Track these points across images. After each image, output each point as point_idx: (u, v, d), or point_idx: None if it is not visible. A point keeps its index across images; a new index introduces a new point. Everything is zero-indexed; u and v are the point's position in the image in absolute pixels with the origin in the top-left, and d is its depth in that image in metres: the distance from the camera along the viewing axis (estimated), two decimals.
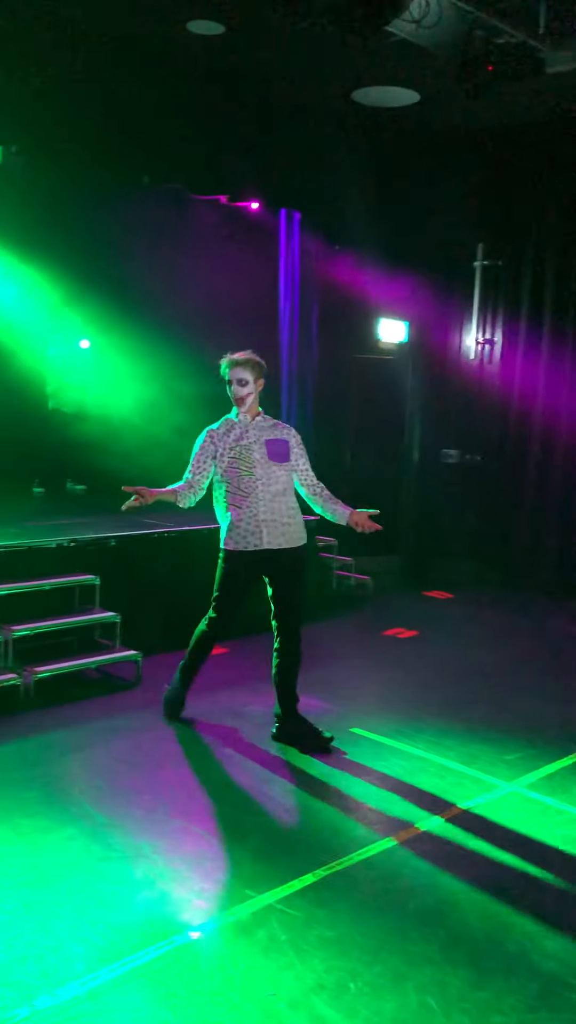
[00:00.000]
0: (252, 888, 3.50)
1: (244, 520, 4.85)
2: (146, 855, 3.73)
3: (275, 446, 4.92)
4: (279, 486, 4.90)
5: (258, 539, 4.85)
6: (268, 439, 4.91)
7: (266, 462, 4.87)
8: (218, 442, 4.91)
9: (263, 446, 4.88)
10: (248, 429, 4.93)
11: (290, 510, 4.95)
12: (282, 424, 5.09)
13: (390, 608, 8.25)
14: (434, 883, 3.60)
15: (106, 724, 5.20)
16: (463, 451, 9.61)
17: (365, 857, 3.77)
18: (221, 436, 4.92)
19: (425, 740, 5.08)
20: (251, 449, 4.87)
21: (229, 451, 4.86)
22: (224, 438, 4.91)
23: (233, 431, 4.93)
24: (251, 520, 4.84)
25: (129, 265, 8.70)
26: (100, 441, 8.73)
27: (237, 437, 4.90)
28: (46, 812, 4.06)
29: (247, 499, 4.84)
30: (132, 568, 6.61)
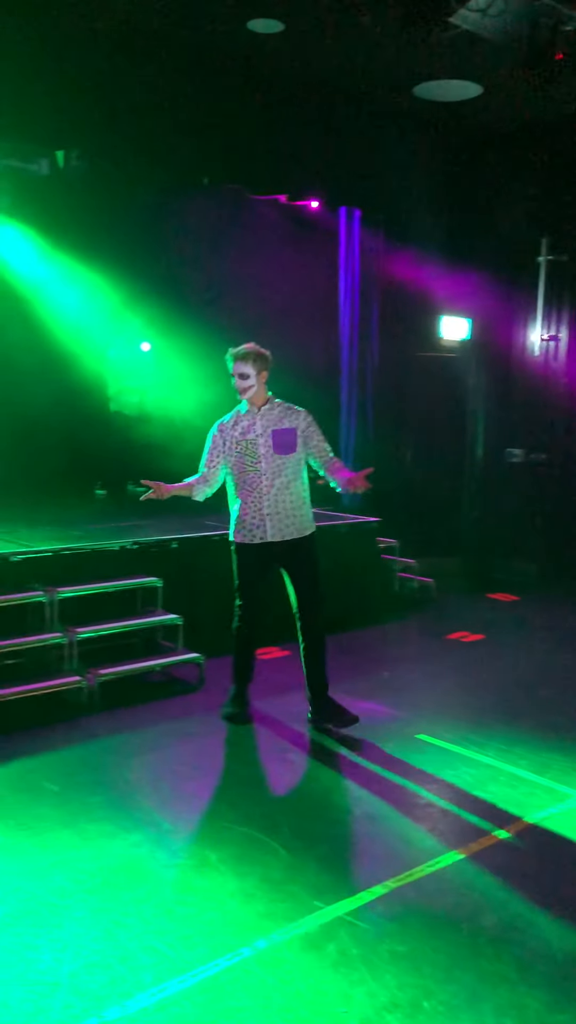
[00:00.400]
0: (320, 899, 3.43)
1: (249, 514, 5.01)
2: (212, 863, 3.68)
3: (281, 436, 4.97)
4: (285, 478, 5.00)
5: (263, 532, 5.01)
6: (275, 429, 4.97)
7: (271, 455, 4.95)
8: (227, 436, 5.02)
9: (269, 438, 4.95)
10: (255, 421, 5.00)
11: (297, 500, 5.05)
12: (293, 409, 5.08)
13: (454, 611, 8.10)
14: (508, 898, 3.48)
15: (170, 727, 5.17)
16: (528, 450, 9.40)
17: (436, 869, 3.66)
18: (229, 430, 5.03)
19: (494, 748, 4.94)
20: (256, 444, 4.95)
21: (236, 445, 4.97)
22: (231, 431, 5.02)
23: (240, 423, 5.02)
24: (255, 514, 4.99)
25: (189, 267, 8.70)
26: (162, 443, 8.73)
27: (244, 430, 4.98)
28: (111, 817, 4.04)
29: (251, 493, 4.98)
30: (194, 570, 6.59)
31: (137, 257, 8.65)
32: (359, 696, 5.65)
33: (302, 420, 5.05)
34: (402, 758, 4.75)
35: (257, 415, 5.01)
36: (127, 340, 8.88)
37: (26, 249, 8.36)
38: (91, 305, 8.71)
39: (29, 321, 8.43)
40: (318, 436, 5.09)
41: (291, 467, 5.02)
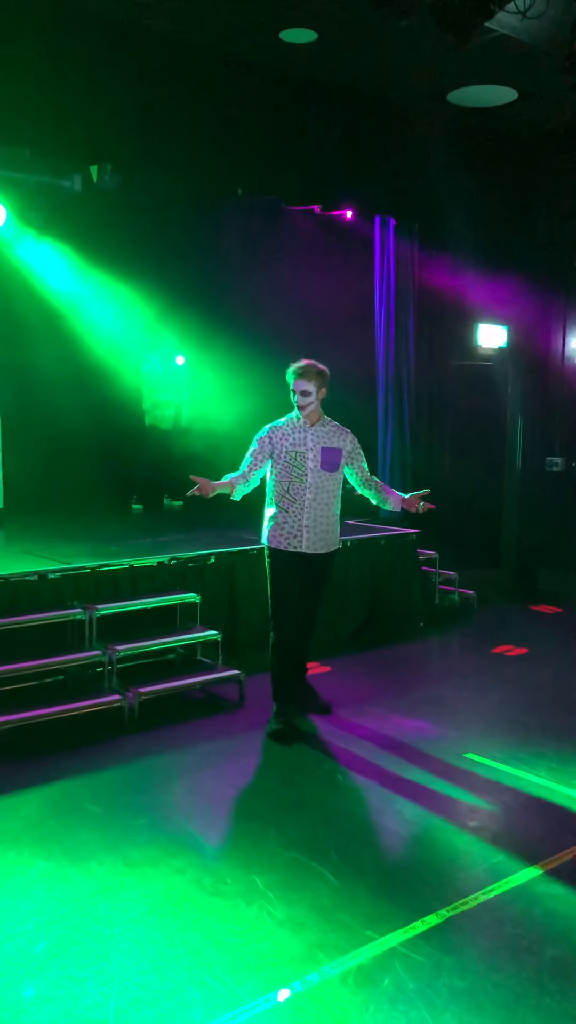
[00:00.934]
0: (373, 929, 3.31)
1: (289, 522, 5.12)
2: (259, 890, 3.57)
3: (329, 455, 5.14)
4: (327, 495, 5.17)
5: (298, 542, 5.13)
6: (324, 447, 5.12)
7: (318, 471, 5.11)
8: (276, 442, 5.13)
9: (318, 454, 5.10)
10: (308, 435, 5.12)
11: (332, 517, 5.23)
12: (342, 429, 5.26)
13: (497, 623, 7.94)
14: (569, 928, 3.33)
15: (211, 747, 5.08)
16: (568, 458, 9.22)
17: (492, 896, 3.53)
18: (281, 437, 5.13)
19: (545, 767, 4.79)
20: (305, 457, 5.09)
21: (286, 454, 5.09)
22: (283, 440, 5.12)
23: (294, 434, 5.13)
24: (295, 523, 5.12)
25: (223, 278, 8.67)
26: (197, 457, 8.69)
27: (295, 442, 5.10)
28: (155, 841, 3.95)
29: (294, 503, 5.10)
30: (232, 585, 6.51)
31: (171, 270, 8.65)
32: (404, 713, 5.53)
33: (349, 442, 5.24)
34: (452, 778, 4.62)
35: (310, 430, 5.14)
36: (162, 354, 8.84)
37: (60, 265, 8.38)
38: (126, 320, 8.70)
39: (64, 337, 8.44)
40: (361, 457, 5.31)
41: (332, 484, 5.20)
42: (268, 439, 5.16)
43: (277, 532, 5.16)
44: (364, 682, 6.27)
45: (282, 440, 5.12)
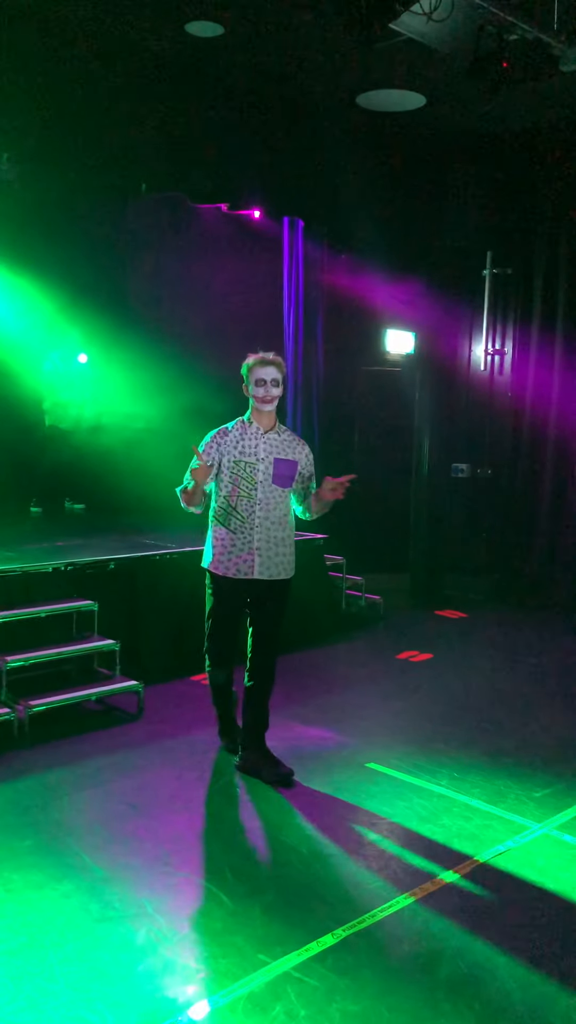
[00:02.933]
0: (266, 952, 3.17)
1: (237, 546, 4.47)
2: (148, 914, 3.40)
3: (283, 468, 4.50)
4: (279, 512, 4.53)
5: (249, 567, 4.48)
6: (278, 458, 4.50)
7: (269, 485, 4.47)
8: (224, 449, 4.48)
9: (270, 466, 4.47)
10: (260, 442, 4.50)
11: (287, 538, 4.58)
12: (298, 439, 4.66)
13: (402, 629, 7.93)
14: (466, 946, 3.26)
15: (106, 761, 4.87)
16: (474, 465, 9.31)
17: (389, 914, 3.44)
18: (230, 443, 4.48)
19: (447, 775, 4.75)
20: (256, 468, 4.45)
21: (233, 464, 4.45)
22: (231, 447, 4.48)
23: (243, 440, 4.49)
24: (244, 546, 4.47)
25: (128, 276, 8.45)
26: (99, 458, 8.45)
27: (244, 450, 4.47)
28: (40, 864, 3.74)
29: (243, 523, 4.46)
30: (133, 592, 6.31)
31: (75, 266, 8.38)
32: (306, 722, 5.43)
33: (305, 456, 4.62)
34: (352, 790, 4.53)
35: (262, 437, 4.51)
36: (63, 351, 8.56)
37: None
38: (25, 316, 8.39)
39: None
40: (312, 476, 4.67)
41: (285, 501, 4.56)
42: (215, 443, 4.50)
43: (223, 557, 4.48)
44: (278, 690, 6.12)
45: (230, 448, 4.46)
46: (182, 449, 8.45)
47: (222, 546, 4.50)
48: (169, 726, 5.38)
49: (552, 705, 5.95)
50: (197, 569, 6.54)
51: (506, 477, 9.10)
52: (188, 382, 8.57)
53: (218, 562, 4.52)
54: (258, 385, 4.44)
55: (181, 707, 5.72)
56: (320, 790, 4.52)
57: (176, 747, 5.07)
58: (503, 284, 9.07)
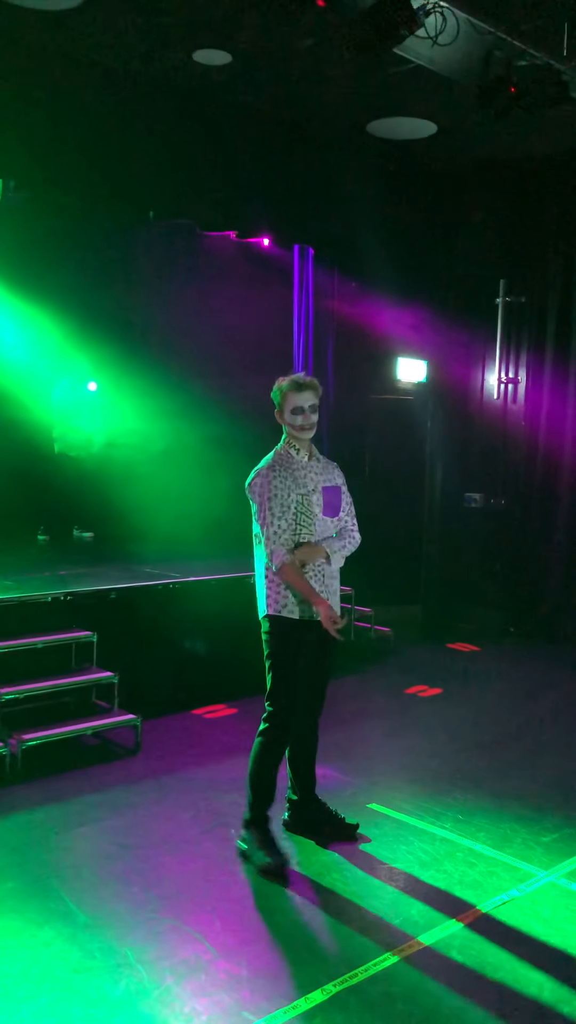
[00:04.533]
0: (252, 1010, 3.00)
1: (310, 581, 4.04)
2: (130, 964, 3.24)
3: (330, 495, 4.12)
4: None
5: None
6: (325, 486, 4.11)
7: (321, 517, 4.08)
8: (288, 485, 3.99)
9: (320, 495, 4.08)
10: (308, 472, 4.08)
11: (337, 572, 4.24)
12: (333, 463, 4.28)
13: (413, 662, 7.74)
14: (468, 1004, 3.07)
15: (99, 799, 4.72)
16: (487, 495, 9.15)
17: (384, 967, 3.26)
18: (286, 480, 4.00)
19: (452, 818, 4.56)
20: (311, 501, 4.04)
21: (294, 501, 4.01)
22: (287, 482, 4.00)
23: (294, 472, 4.04)
24: (315, 582, 4.05)
25: (139, 303, 8.42)
26: (107, 487, 8.38)
27: (298, 483, 4.02)
28: (21, 909, 3.59)
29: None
30: (134, 623, 6.19)
31: (84, 294, 8.35)
32: None
33: (340, 477, 4.24)
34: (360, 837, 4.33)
35: (308, 466, 4.09)
36: (72, 379, 8.52)
37: None
38: (34, 343, 8.37)
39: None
40: (351, 503, 4.30)
41: (332, 532, 4.19)
42: (281, 482, 3.97)
43: (289, 599, 4.00)
44: None
45: (291, 483, 4.00)
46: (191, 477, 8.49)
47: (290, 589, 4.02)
48: (166, 762, 5.23)
49: (564, 744, 5.74)
50: (200, 598, 6.50)
51: (520, 507, 8.93)
52: (198, 411, 8.51)
53: (289, 606, 4.01)
54: (295, 413, 4.03)
55: (180, 743, 5.57)
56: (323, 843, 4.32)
57: (172, 784, 4.92)
58: (517, 312, 8.95)
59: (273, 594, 4.03)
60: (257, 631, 4.16)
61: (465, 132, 7.65)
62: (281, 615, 4.02)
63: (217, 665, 6.49)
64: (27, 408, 8.38)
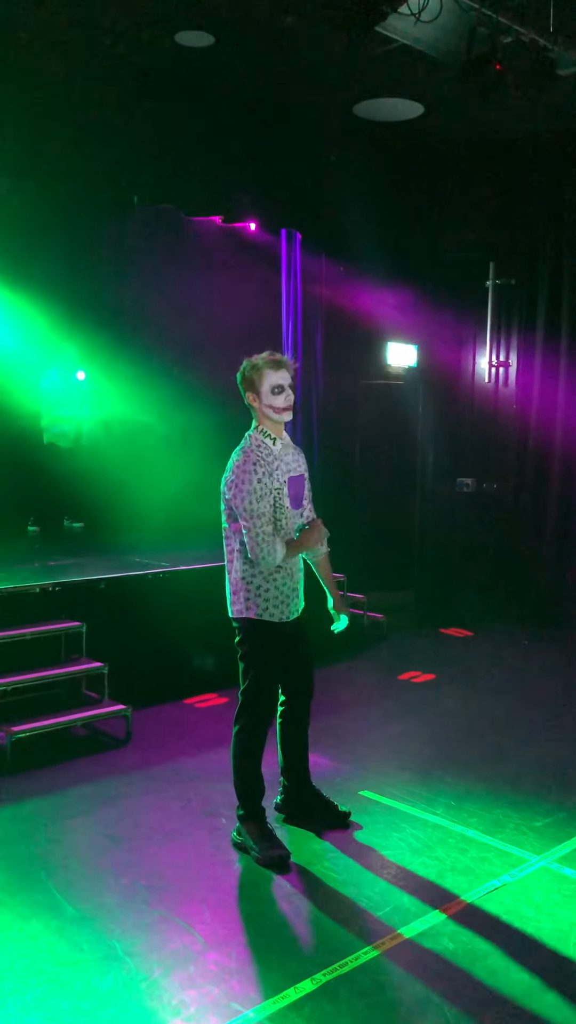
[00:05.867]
0: (240, 1000, 2.97)
1: (286, 584, 3.90)
2: (118, 956, 3.21)
3: (295, 487, 3.92)
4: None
5: (295, 606, 3.97)
6: (291, 476, 3.91)
7: (289, 510, 3.88)
8: (265, 487, 3.77)
9: (286, 487, 3.88)
10: (279, 463, 3.85)
11: (301, 565, 4.10)
12: (298, 448, 4.06)
13: (405, 648, 7.71)
14: (458, 991, 3.05)
15: (89, 790, 4.69)
16: (479, 479, 9.11)
17: (373, 956, 3.23)
18: (264, 476, 3.77)
19: (444, 804, 4.53)
20: (283, 492, 3.85)
21: (270, 493, 3.80)
22: (267, 479, 3.78)
23: (270, 463, 3.81)
24: (289, 582, 3.91)
25: (124, 290, 8.34)
26: (97, 476, 8.33)
27: (272, 476, 3.81)
28: (9, 903, 3.56)
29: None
30: (124, 613, 6.14)
31: (72, 282, 8.29)
32: None
33: (305, 464, 4.05)
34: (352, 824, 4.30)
35: (279, 455, 3.86)
36: (60, 368, 8.44)
37: None
38: (21, 332, 8.29)
39: None
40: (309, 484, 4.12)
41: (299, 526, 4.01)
42: (264, 471, 3.76)
43: (270, 600, 3.86)
44: None
45: (265, 480, 3.77)
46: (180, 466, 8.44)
47: (269, 588, 3.87)
48: (156, 752, 5.20)
49: (557, 729, 5.72)
50: (189, 588, 6.45)
51: (512, 491, 8.88)
52: (187, 399, 8.45)
53: (268, 607, 3.87)
54: (275, 393, 3.76)
55: (170, 732, 5.54)
56: (309, 821, 4.30)
57: (162, 775, 4.89)
58: (507, 295, 8.89)
59: (252, 597, 3.86)
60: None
61: (453, 112, 7.57)
62: (262, 619, 3.88)
63: (208, 654, 6.45)
64: (15, 398, 8.32)
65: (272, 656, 3.96)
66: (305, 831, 4.21)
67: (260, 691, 3.96)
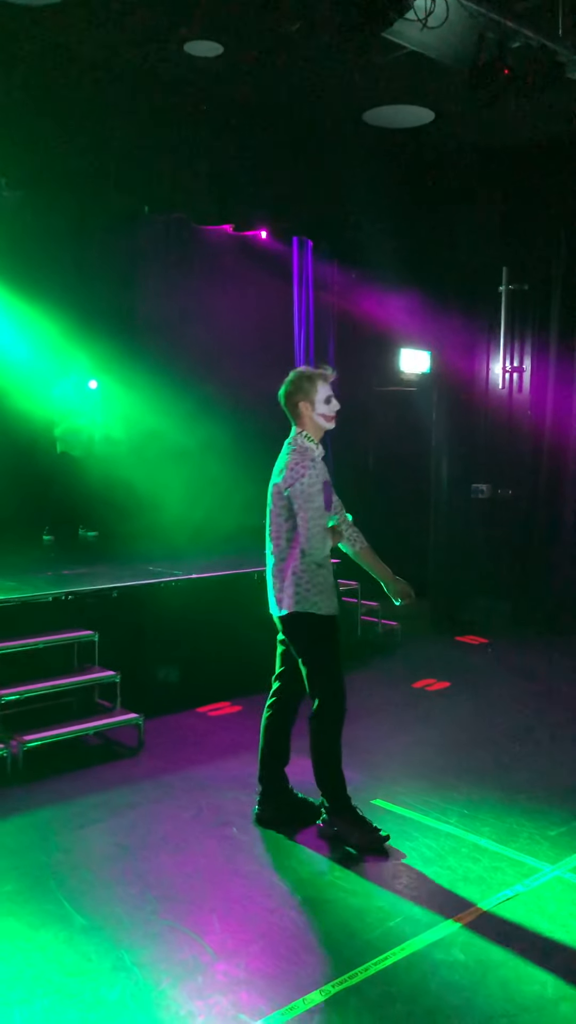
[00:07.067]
0: (249, 1011, 2.95)
1: (331, 578, 4.15)
2: (127, 967, 3.19)
3: (327, 490, 4.15)
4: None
5: (337, 601, 4.20)
6: (325, 480, 4.14)
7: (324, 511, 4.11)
8: (317, 485, 4.02)
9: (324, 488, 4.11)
10: (320, 467, 4.12)
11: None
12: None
13: (420, 656, 7.67)
14: (469, 1003, 3.01)
15: (100, 799, 4.68)
16: (494, 486, 9.05)
17: (384, 967, 3.20)
18: (316, 477, 4.02)
19: (457, 813, 4.49)
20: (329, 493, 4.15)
21: (320, 491, 4.06)
22: (318, 480, 4.03)
23: (317, 468, 4.06)
24: (329, 579, 4.13)
25: (136, 300, 8.39)
26: (111, 485, 8.36)
27: (319, 474, 4.07)
28: (18, 912, 3.55)
29: (329, 556, 4.13)
30: (137, 621, 6.14)
31: (84, 291, 8.34)
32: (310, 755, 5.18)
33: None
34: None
35: (318, 458, 4.12)
36: (74, 378, 8.49)
37: None
38: (34, 342, 8.35)
39: None
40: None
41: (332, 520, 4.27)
42: (314, 478, 4.00)
43: (329, 595, 4.09)
44: None
45: (317, 480, 4.03)
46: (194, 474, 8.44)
47: (325, 582, 4.08)
48: (168, 761, 5.19)
49: (573, 737, 5.66)
50: (203, 595, 6.44)
51: (527, 497, 8.82)
52: (202, 408, 8.47)
53: (326, 601, 4.08)
54: (328, 403, 4.10)
55: (183, 741, 5.53)
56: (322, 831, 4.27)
57: (174, 783, 4.88)
58: (520, 300, 8.84)
59: (303, 591, 4.04)
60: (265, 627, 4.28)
61: (463, 118, 7.54)
62: (311, 612, 4.05)
63: (221, 662, 6.43)
64: (29, 408, 8.37)
65: (335, 646, 4.12)
66: (321, 841, 4.17)
67: (334, 683, 4.11)
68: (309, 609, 4.05)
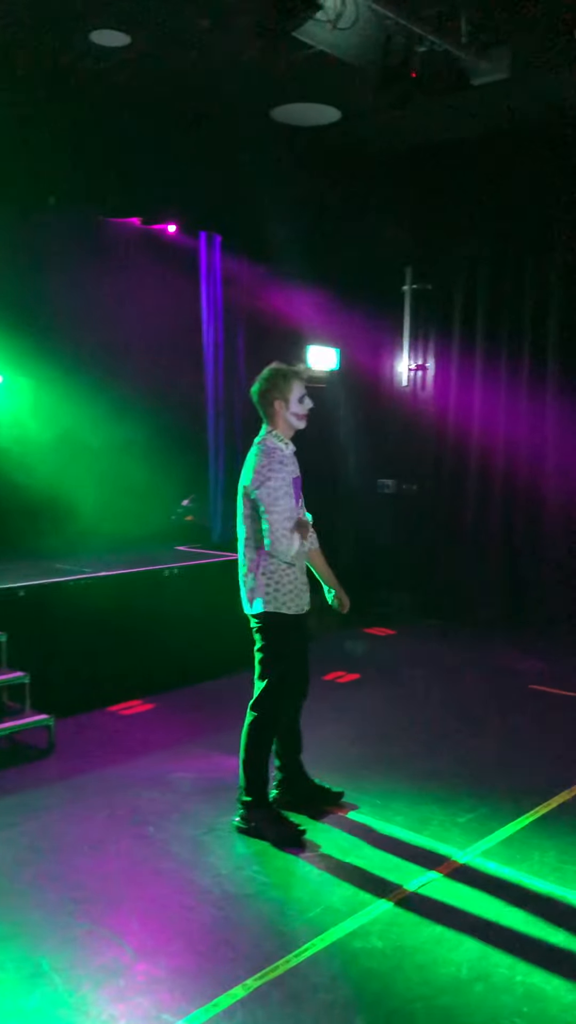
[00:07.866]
0: (172, 1011, 2.95)
1: (299, 577, 4.20)
2: (45, 973, 3.15)
3: (297, 487, 4.19)
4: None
5: (307, 599, 4.28)
6: (294, 477, 4.18)
7: (295, 508, 4.14)
8: (286, 484, 4.07)
9: (294, 486, 4.16)
10: (290, 464, 4.15)
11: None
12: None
13: (330, 649, 7.75)
14: (387, 989, 3.08)
15: (12, 802, 4.59)
16: (400, 481, 9.25)
17: (304, 959, 3.24)
18: (284, 475, 4.07)
19: (369, 803, 4.58)
20: (291, 492, 4.13)
21: (288, 492, 4.11)
22: (286, 478, 4.09)
23: (285, 467, 4.11)
24: (299, 577, 4.21)
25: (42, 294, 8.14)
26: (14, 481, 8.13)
27: (289, 473, 4.12)
28: None
29: (299, 555, 4.17)
30: (46, 621, 6.02)
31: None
32: (227, 751, 5.20)
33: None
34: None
35: (291, 457, 4.18)
36: None
37: None
38: None
39: None
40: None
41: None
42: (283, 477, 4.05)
43: (291, 594, 4.15)
44: (189, 718, 5.93)
45: (285, 479, 4.07)
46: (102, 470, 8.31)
47: (290, 581, 4.14)
48: (81, 762, 5.12)
49: (478, 724, 5.84)
50: (114, 593, 6.37)
51: (431, 492, 9.04)
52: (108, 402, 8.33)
53: (287, 600, 4.14)
54: (302, 401, 4.14)
55: (95, 741, 5.47)
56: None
57: (87, 784, 4.82)
58: (424, 300, 9.05)
59: (272, 591, 4.12)
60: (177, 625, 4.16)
61: (369, 119, 7.65)
62: (280, 612, 4.14)
63: (133, 660, 6.38)
64: None
65: (290, 648, 4.23)
66: (236, 833, 4.19)
67: (281, 682, 4.20)
68: (279, 609, 4.13)
